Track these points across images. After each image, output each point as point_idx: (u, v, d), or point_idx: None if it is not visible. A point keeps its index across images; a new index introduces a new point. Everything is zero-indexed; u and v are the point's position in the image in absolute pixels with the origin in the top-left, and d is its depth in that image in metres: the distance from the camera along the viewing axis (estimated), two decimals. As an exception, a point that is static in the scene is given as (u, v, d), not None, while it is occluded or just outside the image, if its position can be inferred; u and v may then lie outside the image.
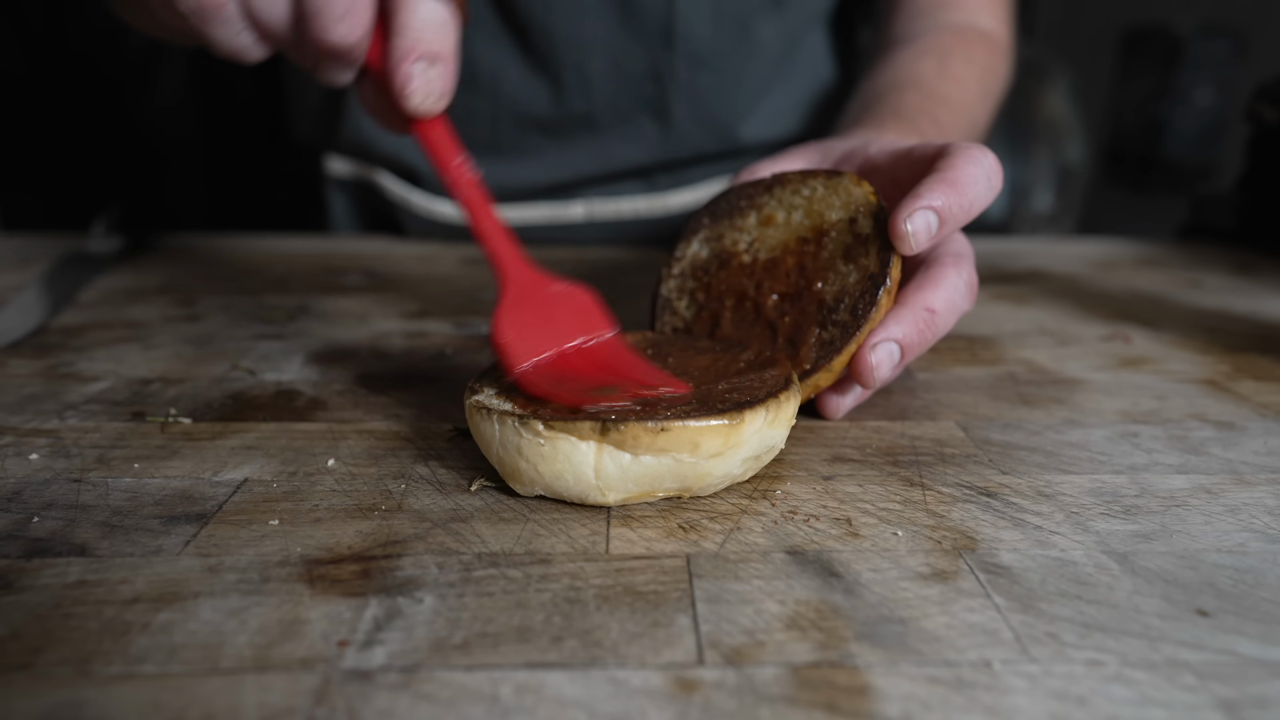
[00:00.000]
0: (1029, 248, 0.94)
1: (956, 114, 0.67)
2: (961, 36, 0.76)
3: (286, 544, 0.32)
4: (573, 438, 0.33)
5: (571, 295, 0.42)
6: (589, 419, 0.33)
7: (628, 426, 0.33)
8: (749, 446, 0.35)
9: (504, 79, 0.80)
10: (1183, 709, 0.25)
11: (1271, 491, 0.38)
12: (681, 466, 0.34)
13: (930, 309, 0.42)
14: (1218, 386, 0.51)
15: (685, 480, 0.34)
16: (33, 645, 0.26)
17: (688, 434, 0.33)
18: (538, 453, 0.34)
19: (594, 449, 0.33)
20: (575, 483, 0.34)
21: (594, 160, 0.84)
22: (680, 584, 0.30)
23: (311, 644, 0.27)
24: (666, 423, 0.33)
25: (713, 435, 0.33)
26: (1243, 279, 0.79)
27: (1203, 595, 0.30)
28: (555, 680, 0.25)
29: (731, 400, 0.35)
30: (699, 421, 0.33)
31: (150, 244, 0.84)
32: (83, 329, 0.59)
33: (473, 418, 0.36)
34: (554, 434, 0.33)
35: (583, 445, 0.33)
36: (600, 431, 0.33)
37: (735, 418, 0.34)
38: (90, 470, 0.38)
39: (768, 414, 0.35)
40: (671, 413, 0.34)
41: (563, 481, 0.34)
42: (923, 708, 0.24)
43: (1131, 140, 2.90)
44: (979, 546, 0.33)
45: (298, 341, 0.57)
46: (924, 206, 0.40)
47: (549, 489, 0.35)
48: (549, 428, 0.33)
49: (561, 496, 0.35)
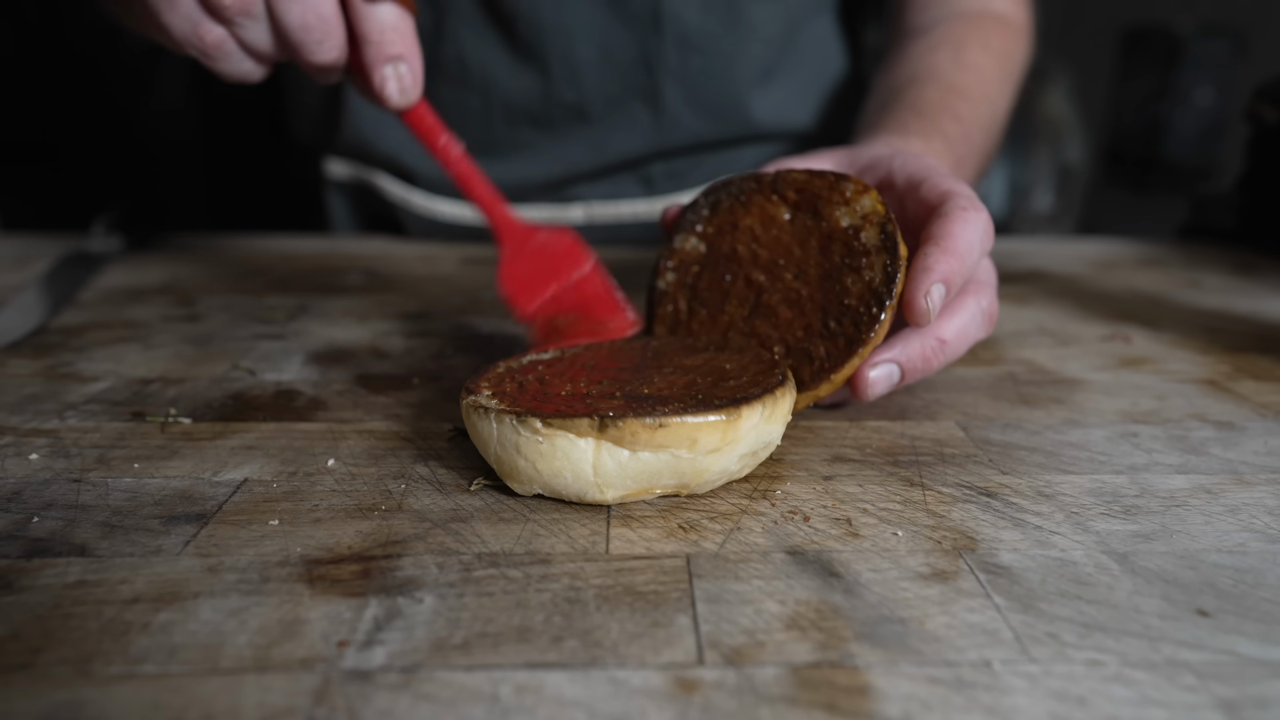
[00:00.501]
0: (1029, 248, 0.94)
1: (976, 105, 0.66)
2: (977, 23, 0.76)
3: (286, 544, 0.32)
4: (571, 434, 0.33)
5: (556, 238, 0.50)
6: (587, 415, 0.33)
7: (626, 422, 0.33)
8: (746, 442, 0.35)
9: (493, 73, 0.79)
10: (1183, 709, 0.25)
11: (1271, 491, 0.38)
12: (679, 462, 0.34)
13: (941, 338, 0.43)
14: (1218, 386, 0.51)
15: (683, 476, 0.34)
16: (33, 645, 0.26)
17: (685, 429, 0.33)
18: (536, 450, 0.34)
19: (592, 445, 0.33)
20: (574, 480, 0.34)
21: (588, 153, 0.83)
22: (680, 584, 0.30)
23: (311, 644, 0.27)
24: (664, 418, 0.33)
25: (710, 430, 0.33)
26: (1243, 279, 0.79)
27: (1203, 595, 0.30)
28: (555, 680, 0.25)
29: (728, 396, 0.35)
30: (696, 417, 0.33)
31: (151, 243, 0.84)
32: (83, 329, 0.59)
33: (470, 417, 0.36)
34: (552, 431, 0.33)
35: (581, 442, 0.33)
36: (598, 428, 0.33)
37: (732, 413, 0.34)
38: (90, 470, 0.38)
39: (764, 409, 0.35)
40: (669, 408, 0.34)
41: (561, 479, 0.34)
42: (923, 708, 0.24)
43: (1131, 140, 2.90)
44: (979, 546, 0.33)
45: (298, 341, 0.57)
46: (937, 280, 0.40)
47: (547, 487, 0.35)
48: (547, 425, 0.33)
49: (560, 495, 0.35)
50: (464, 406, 0.37)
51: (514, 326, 0.61)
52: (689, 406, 0.34)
